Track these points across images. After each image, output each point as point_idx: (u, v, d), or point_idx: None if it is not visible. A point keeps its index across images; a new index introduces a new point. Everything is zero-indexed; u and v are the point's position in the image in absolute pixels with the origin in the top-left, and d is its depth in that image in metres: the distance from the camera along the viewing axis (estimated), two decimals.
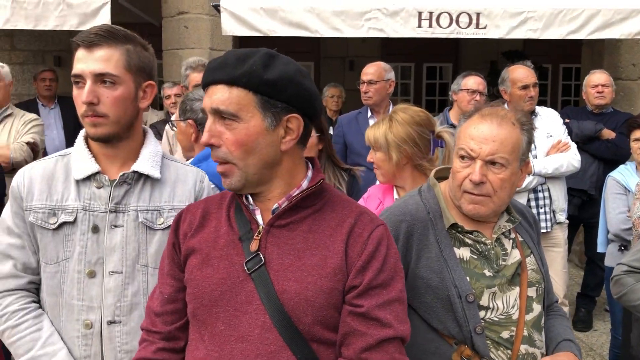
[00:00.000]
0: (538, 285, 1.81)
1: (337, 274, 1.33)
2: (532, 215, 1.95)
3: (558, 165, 4.00)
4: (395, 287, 1.36)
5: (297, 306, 1.31)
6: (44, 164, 1.76)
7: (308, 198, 1.39)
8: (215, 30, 5.87)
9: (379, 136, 2.42)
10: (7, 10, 5.03)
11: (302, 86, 1.35)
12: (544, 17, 5.06)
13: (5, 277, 1.71)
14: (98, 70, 1.62)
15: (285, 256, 1.34)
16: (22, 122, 4.18)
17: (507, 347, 1.71)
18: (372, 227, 1.38)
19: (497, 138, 1.68)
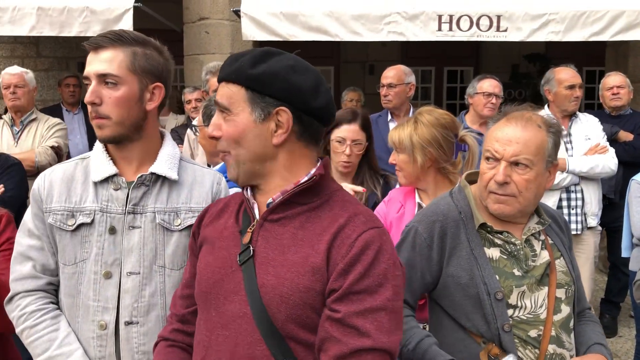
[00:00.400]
0: (567, 287, 1.83)
1: (315, 273, 1.31)
2: (564, 220, 1.99)
3: (593, 165, 4.00)
4: (382, 294, 1.27)
5: (272, 301, 1.32)
6: (64, 167, 1.79)
7: (304, 195, 1.39)
8: (235, 36, 5.91)
9: (404, 137, 2.40)
10: (33, 17, 5.14)
11: (289, 81, 1.36)
12: (566, 19, 5.01)
13: (25, 278, 1.74)
14: (100, 70, 1.65)
15: (270, 250, 1.36)
16: (46, 126, 4.27)
17: (534, 346, 1.74)
18: (363, 229, 1.32)
19: (521, 140, 1.73)
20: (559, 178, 3.97)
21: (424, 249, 1.83)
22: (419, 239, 1.84)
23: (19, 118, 4.29)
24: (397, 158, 2.45)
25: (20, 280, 1.75)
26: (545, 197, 4.04)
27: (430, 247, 1.82)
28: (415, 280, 1.86)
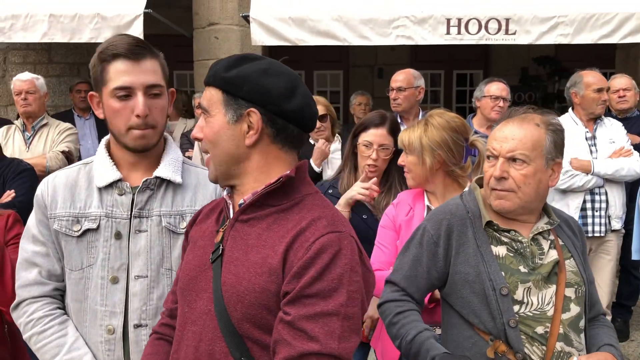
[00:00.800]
0: (577, 287, 1.86)
1: (272, 274, 1.32)
2: (577, 226, 2.03)
3: (619, 168, 4.02)
4: (335, 299, 1.26)
5: (231, 300, 1.35)
6: (66, 173, 1.80)
7: (274, 196, 1.41)
8: (245, 41, 5.95)
9: (414, 139, 2.41)
10: (45, 24, 5.21)
11: (259, 83, 1.39)
12: (575, 21, 4.99)
13: (31, 285, 1.75)
14: (149, 82, 1.66)
15: (236, 250, 1.39)
16: (57, 131, 4.32)
17: (541, 343, 1.77)
18: (322, 232, 1.31)
19: (517, 136, 1.81)
20: (584, 180, 4.01)
21: (431, 246, 1.89)
22: (427, 235, 1.91)
23: (31, 123, 4.34)
24: (406, 159, 2.46)
25: (26, 286, 1.75)
26: (570, 198, 4.08)
27: (437, 243, 1.88)
28: (421, 276, 1.91)
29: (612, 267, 4.20)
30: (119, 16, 5.21)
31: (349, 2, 5.29)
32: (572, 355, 1.78)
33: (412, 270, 1.92)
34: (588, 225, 4.09)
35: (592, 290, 1.94)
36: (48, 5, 5.29)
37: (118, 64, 1.65)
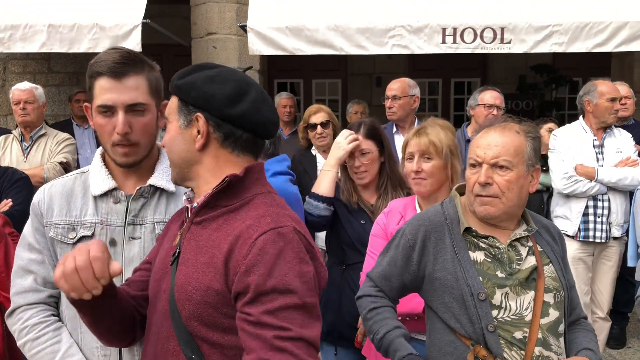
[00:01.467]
0: (556, 292, 1.89)
1: (216, 273, 1.35)
2: (557, 231, 2.06)
3: (622, 177, 4.07)
4: (292, 292, 1.29)
5: (180, 299, 1.40)
6: (63, 182, 1.83)
7: (224, 197, 1.44)
8: (243, 50, 5.99)
9: (444, 142, 2.42)
10: (44, 34, 5.24)
11: (204, 90, 1.45)
12: (569, 30, 5.04)
13: (26, 291, 1.77)
14: (130, 100, 1.68)
15: (188, 251, 1.44)
16: (55, 141, 4.34)
17: (520, 348, 1.80)
18: (265, 229, 1.33)
19: (499, 143, 1.86)
20: (588, 186, 4.06)
21: (407, 250, 1.95)
22: (404, 240, 1.97)
23: (29, 133, 4.37)
24: (427, 164, 2.42)
25: (21, 293, 1.77)
26: (573, 203, 4.14)
27: (412, 248, 1.94)
28: (394, 277, 1.98)
29: (614, 274, 4.24)
30: (118, 26, 5.24)
31: (346, 12, 5.33)
32: (551, 359, 1.80)
33: (387, 270, 2.00)
34: (589, 230, 4.14)
35: (572, 295, 1.98)
36: (47, 15, 5.33)
37: (102, 81, 1.68)
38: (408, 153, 2.49)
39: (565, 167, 4.10)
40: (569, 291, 1.94)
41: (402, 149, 2.55)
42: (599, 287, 4.23)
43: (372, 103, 8.45)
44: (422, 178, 2.43)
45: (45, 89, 8.17)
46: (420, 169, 2.42)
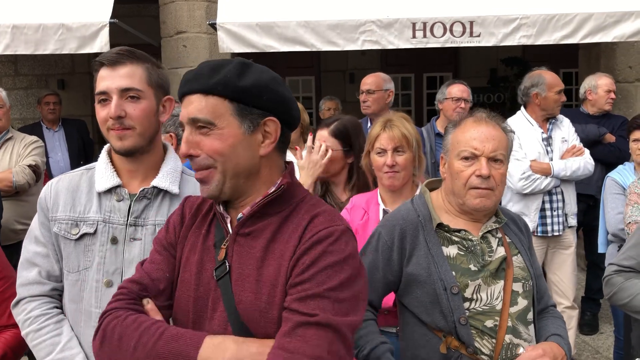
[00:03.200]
0: (525, 281, 1.92)
1: (285, 283, 1.31)
2: (523, 222, 2.10)
3: (575, 168, 4.08)
4: (327, 284, 1.28)
5: (252, 317, 1.33)
6: (70, 177, 1.86)
7: (273, 204, 1.39)
8: (213, 48, 5.94)
9: (412, 134, 2.43)
10: (8, 35, 5.13)
11: (278, 93, 1.39)
12: (537, 23, 5.10)
13: (31, 284, 1.82)
14: (124, 85, 1.71)
15: (245, 266, 1.36)
16: (23, 145, 4.25)
17: (491, 336, 1.83)
18: (320, 228, 1.33)
19: (496, 137, 1.88)
20: (545, 182, 4.03)
21: (386, 251, 1.94)
22: (381, 241, 1.95)
23: None
24: (401, 158, 2.42)
25: (26, 285, 1.82)
26: (529, 200, 4.10)
27: (391, 248, 1.93)
28: (377, 281, 1.96)
29: (572, 261, 4.24)
30: (85, 26, 5.16)
31: (316, 8, 5.32)
32: (520, 346, 1.83)
33: (369, 275, 1.94)
34: (547, 225, 4.12)
35: (540, 284, 2.01)
36: (11, 16, 5.22)
37: (101, 72, 1.75)
38: (378, 147, 2.47)
39: (521, 167, 3.99)
40: (537, 280, 1.97)
41: (369, 142, 2.52)
42: (560, 277, 4.20)
43: (345, 99, 8.47)
44: (395, 171, 2.43)
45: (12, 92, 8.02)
46: (394, 163, 2.41)
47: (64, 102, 6.63)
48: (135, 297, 1.40)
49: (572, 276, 4.24)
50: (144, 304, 1.39)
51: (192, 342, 1.28)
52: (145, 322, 1.34)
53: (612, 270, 2.35)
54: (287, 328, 1.26)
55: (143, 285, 1.42)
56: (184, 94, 1.39)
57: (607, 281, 2.36)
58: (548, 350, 1.78)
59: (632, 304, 2.27)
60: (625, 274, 2.31)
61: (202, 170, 1.37)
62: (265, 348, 1.27)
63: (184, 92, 1.39)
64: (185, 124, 1.38)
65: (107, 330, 1.34)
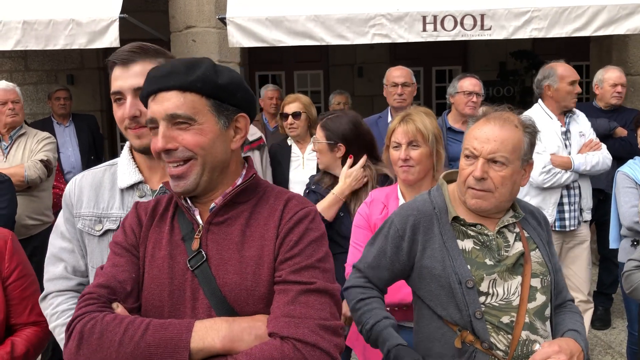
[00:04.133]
0: (543, 277, 1.90)
1: (272, 260, 1.39)
2: (542, 216, 2.07)
3: (595, 163, 4.04)
4: (314, 256, 1.40)
5: (239, 297, 1.38)
6: (93, 173, 1.88)
7: (243, 193, 1.47)
8: (222, 43, 5.93)
9: (430, 129, 2.42)
10: (19, 31, 5.15)
11: (248, 91, 1.51)
12: (548, 15, 5.05)
13: (57, 279, 1.85)
14: (136, 84, 1.71)
15: (224, 251, 1.41)
16: (36, 140, 4.27)
17: (507, 332, 1.81)
18: (298, 208, 1.45)
19: (498, 138, 1.82)
20: (565, 177, 4.00)
21: (396, 239, 1.94)
22: (393, 229, 1.95)
23: (8, 133, 4.29)
24: (415, 152, 2.42)
25: (52, 280, 1.85)
26: (548, 194, 4.06)
27: (402, 237, 1.93)
28: (383, 266, 1.97)
29: (587, 255, 4.21)
30: (94, 21, 5.16)
31: (325, 2, 5.30)
32: (537, 342, 1.82)
33: (376, 260, 1.98)
34: (565, 220, 4.08)
35: (558, 279, 1.99)
36: (21, 12, 5.23)
37: (115, 71, 1.76)
38: (394, 141, 2.48)
39: (542, 161, 3.95)
40: (555, 275, 1.95)
41: (387, 137, 2.54)
42: (575, 271, 4.19)
43: (354, 93, 8.45)
44: (410, 166, 2.43)
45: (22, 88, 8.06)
46: (408, 157, 2.42)
47: (73, 97, 6.65)
48: (105, 301, 1.39)
49: (587, 270, 4.22)
50: (114, 307, 1.39)
51: (182, 327, 1.31)
52: (127, 318, 1.34)
53: (632, 265, 2.33)
54: (289, 297, 1.34)
55: (111, 289, 1.41)
56: (156, 91, 1.42)
57: (627, 277, 2.34)
58: (564, 346, 1.76)
59: None
60: None
61: (180, 163, 1.42)
62: (256, 322, 1.34)
63: (157, 89, 1.42)
64: (161, 119, 1.41)
65: (85, 331, 1.32)
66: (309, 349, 1.29)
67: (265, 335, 1.33)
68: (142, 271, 1.46)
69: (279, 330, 1.31)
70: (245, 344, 1.31)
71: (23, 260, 2.16)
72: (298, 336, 1.29)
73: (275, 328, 1.32)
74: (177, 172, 1.43)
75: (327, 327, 1.33)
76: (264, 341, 1.31)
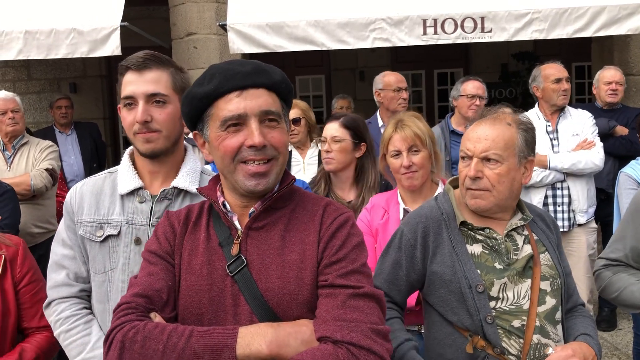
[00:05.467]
0: (553, 280, 1.89)
1: (315, 264, 1.38)
2: (551, 220, 2.07)
3: (576, 161, 3.99)
4: (358, 261, 1.39)
5: (282, 302, 1.36)
6: (94, 180, 1.90)
7: (280, 199, 1.46)
8: (223, 49, 5.95)
9: (426, 133, 2.41)
10: (20, 41, 5.18)
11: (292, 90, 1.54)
12: (549, 17, 5.05)
13: (60, 286, 1.87)
14: (150, 90, 1.74)
15: (265, 255, 1.40)
16: (39, 149, 4.29)
17: (519, 336, 1.80)
18: (338, 214, 1.45)
19: (489, 137, 1.84)
20: (542, 175, 3.99)
21: (409, 249, 1.92)
22: (404, 239, 1.94)
23: (11, 142, 4.31)
24: (417, 157, 2.41)
25: (55, 287, 1.88)
26: (531, 194, 4.05)
27: (414, 246, 1.91)
28: (400, 279, 1.94)
29: (585, 264, 4.16)
30: (96, 30, 5.18)
31: (326, 7, 5.31)
32: (549, 346, 1.81)
33: (392, 274, 1.95)
34: None
35: (569, 282, 1.98)
36: (23, 22, 5.26)
37: (127, 76, 1.77)
38: (392, 150, 2.46)
39: None
40: (565, 278, 1.94)
41: (383, 145, 2.52)
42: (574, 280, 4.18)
43: (356, 97, 8.45)
44: (413, 172, 2.42)
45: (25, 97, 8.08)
46: (411, 163, 2.41)
47: (75, 105, 6.67)
48: (143, 311, 1.36)
49: (585, 279, 4.17)
50: (152, 317, 1.37)
51: (227, 333, 1.28)
52: (169, 326, 1.32)
53: (600, 264, 2.32)
54: (338, 301, 1.32)
55: (148, 298, 1.39)
56: (245, 87, 1.40)
57: (597, 275, 2.32)
58: (578, 351, 1.76)
59: (621, 298, 2.22)
60: (613, 268, 2.27)
61: (266, 162, 1.41)
62: (301, 327, 1.32)
63: (247, 84, 1.40)
64: (253, 115, 1.39)
65: (126, 340, 1.29)
66: (364, 353, 1.27)
67: (311, 340, 1.30)
68: (177, 279, 1.44)
69: (331, 334, 1.28)
70: (292, 349, 1.28)
71: (34, 266, 2.20)
72: (352, 340, 1.27)
73: (327, 332, 1.29)
74: (262, 169, 1.40)
75: (379, 331, 1.31)
76: (314, 346, 1.28)
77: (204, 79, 1.43)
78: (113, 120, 8.61)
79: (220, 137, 1.40)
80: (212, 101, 1.41)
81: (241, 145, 1.39)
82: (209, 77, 1.42)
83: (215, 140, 1.42)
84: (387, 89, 4.53)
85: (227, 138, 1.40)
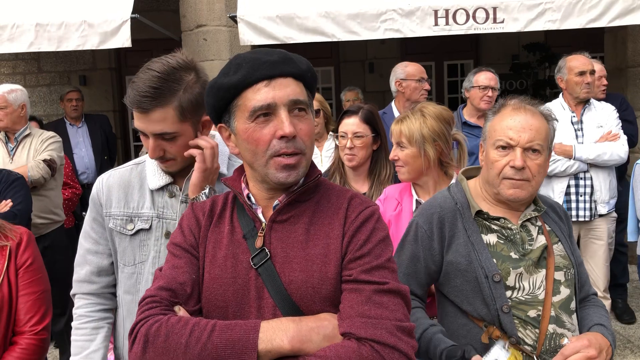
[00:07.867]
0: (566, 270, 1.89)
1: (339, 258, 1.36)
2: (563, 211, 2.07)
3: (601, 153, 4.01)
4: (383, 256, 1.36)
5: (305, 295, 1.34)
6: (120, 172, 1.90)
7: (305, 192, 1.43)
8: (233, 41, 5.94)
9: (414, 130, 2.39)
10: (31, 33, 5.19)
11: None
12: (562, 7, 5.00)
13: (82, 281, 1.92)
14: (157, 130, 1.72)
15: (289, 249, 1.38)
16: (40, 140, 4.28)
17: (534, 326, 1.80)
18: (363, 207, 1.42)
19: (534, 127, 1.83)
20: (566, 165, 4.01)
21: (425, 240, 1.90)
22: (420, 231, 1.92)
23: (13, 135, 4.31)
24: (402, 153, 2.42)
25: (78, 282, 1.93)
26: (554, 183, 4.08)
27: (431, 237, 1.90)
28: (420, 271, 1.93)
29: (605, 252, 4.20)
30: (106, 22, 5.18)
31: None
32: (564, 336, 1.81)
33: (411, 267, 1.93)
34: (572, 209, 4.09)
35: (581, 272, 1.97)
36: (34, 14, 5.27)
37: (135, 112, 1.75)
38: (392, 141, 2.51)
39: None
40: (578, 268, 1.94)
41: None
42: (592, 266, 4.18)
43: (365, 89, 8.42)
44: (400, 166, 2.45)
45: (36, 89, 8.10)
46: (396, 157, 2.44)
47: (85, 97, 6.68)
48: (167, 304, 1.36)
49: (604, 267, 4.21)
50: (176, 310, 1.36)
51: (249, 328, 1.27)
52: (192, 320, 1.31)
53: None
54: (363, 297, 1.30)
55: (172, 291, 1.38)
56: (273, 76, 1.36)
57: None
58: (593, 341, 1.74)
59: None
60: None
61: (296, 154, 1.37)
62: (322, 322, 1.30)
63: (275, 73, 1.36)
64: (282, 105, 1.36)
65: (150, 334, 1.29)
66: (388, 350, 1.25)
67: (333, 335, 1.28)
68: (201, 272, 1.42)
69: (355, 330, 1.26)
70: (314, 344, 1.27)
71: (35, 256, 2.19)
72: (376, 337, 1.25)
73: (351, 328, 1.27)
74: (293, 161, 1.37)
75: (404, 328, 1.29)
76: (337, 342, 1.27)
77: (229, 69, 1.40)
78: (123, 113, 8.63)
79: (250, 128, 1.37)
80: (239, 91, 1.38)
81: (272, 137, 1.36)
82: (235, 67, 1.39)
83: (244, 132, 1.39)
84: (410, 79, 4.44)
85: (257, 130, 1.36)
